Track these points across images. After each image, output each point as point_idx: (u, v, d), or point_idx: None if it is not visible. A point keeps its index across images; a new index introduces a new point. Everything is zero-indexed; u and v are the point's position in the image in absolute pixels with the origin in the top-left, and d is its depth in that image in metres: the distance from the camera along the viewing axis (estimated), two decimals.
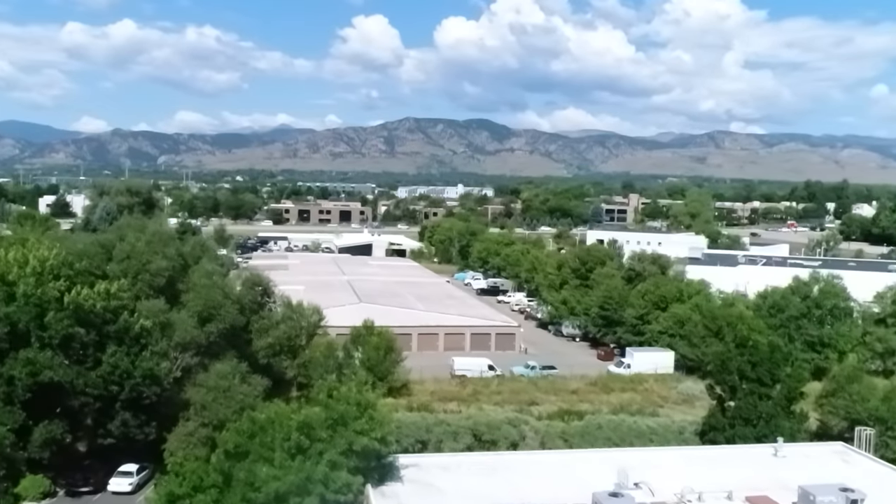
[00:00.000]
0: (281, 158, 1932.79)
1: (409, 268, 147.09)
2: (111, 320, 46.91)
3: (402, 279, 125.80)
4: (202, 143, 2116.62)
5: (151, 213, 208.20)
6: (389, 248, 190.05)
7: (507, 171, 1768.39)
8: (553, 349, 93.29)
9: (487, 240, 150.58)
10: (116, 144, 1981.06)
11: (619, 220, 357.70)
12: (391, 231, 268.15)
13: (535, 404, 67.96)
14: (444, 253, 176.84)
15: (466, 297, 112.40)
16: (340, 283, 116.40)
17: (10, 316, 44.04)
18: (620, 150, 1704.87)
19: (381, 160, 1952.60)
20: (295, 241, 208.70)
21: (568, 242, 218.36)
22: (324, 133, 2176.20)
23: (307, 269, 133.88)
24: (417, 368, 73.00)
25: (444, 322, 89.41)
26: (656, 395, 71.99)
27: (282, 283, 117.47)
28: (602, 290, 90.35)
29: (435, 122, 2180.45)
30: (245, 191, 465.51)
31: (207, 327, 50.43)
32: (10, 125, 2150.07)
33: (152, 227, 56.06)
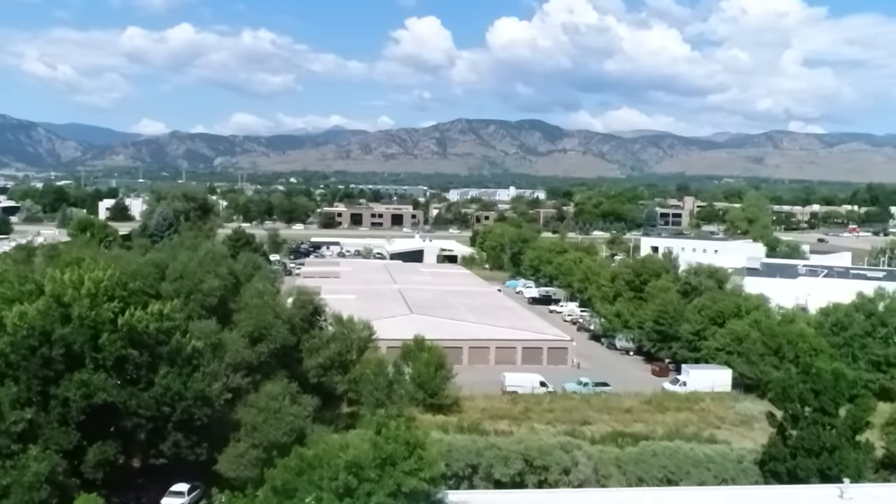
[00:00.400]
0: (334, 160, 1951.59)
1: (461, 276, 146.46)
2: (164, 341, 47.15)
3: (454, 288, 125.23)
4: (257, 145, 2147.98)
5: (207, 218, 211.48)
6: (441, 255, 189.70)
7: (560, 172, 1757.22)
8: (606, 363, 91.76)
9: (539, 248, 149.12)
10: (174, 146, 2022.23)
11: (674, 223, 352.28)
12: (442, 236, 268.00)
13: (588, 424, 66.80)
14: (496, 259, 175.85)
15: (518, 307, 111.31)
16: (391, 293, 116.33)
17: (65, 337, 44.51)
18: (675, 151, 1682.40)
19: (433, 161, 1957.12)
20: (347, 247, 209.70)
21: (621, 248, 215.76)
22: (376, 134, 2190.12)
23: (359, 277, 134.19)
24: (468, 384, 72.26)
25: (496, 336, 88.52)
26: (713, 416, 70.16)
27: (333, 291, 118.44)
28: (657, 304, 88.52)
29: (487, 123, 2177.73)
30: (298, 193, 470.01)
31: (258, 347, 50.46)
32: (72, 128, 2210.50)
33: (205, 246, 56.07)
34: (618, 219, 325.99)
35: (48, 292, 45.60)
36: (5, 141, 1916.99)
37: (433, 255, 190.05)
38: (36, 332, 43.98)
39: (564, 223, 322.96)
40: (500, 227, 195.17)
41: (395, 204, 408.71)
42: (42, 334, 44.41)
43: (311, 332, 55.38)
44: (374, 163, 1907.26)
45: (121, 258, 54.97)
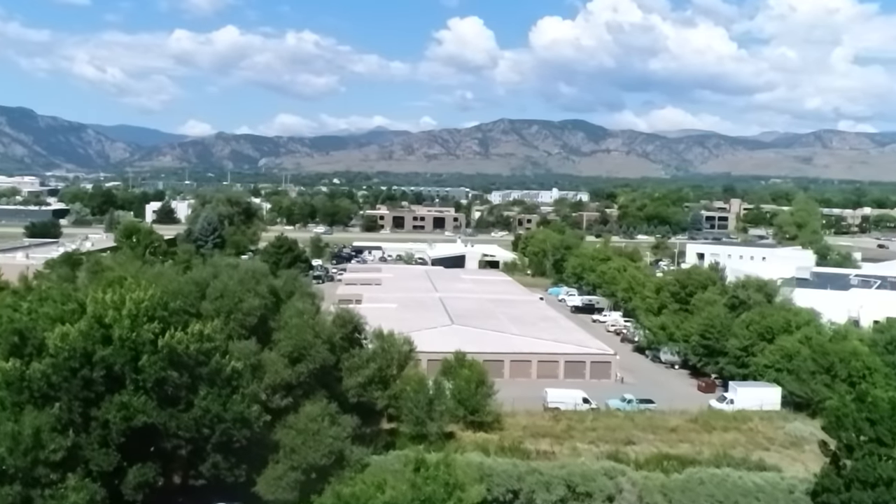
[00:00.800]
0: (377, 160, 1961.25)
1: (503, 283, 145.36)
2: (203, 362, 46.91)
3: (495, 296, 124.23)
4: (301, 146, 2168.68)
5: (251, 222, 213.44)
6: (482, 260, 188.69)
7: (603, 172, 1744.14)
8: (650, 377, 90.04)
9: (583, 255, 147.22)
10: (220, 147, 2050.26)
11: (720, 227, 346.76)
12: (484, 240, 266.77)
13: (632, 444, 65.41)
14: (538, 266, 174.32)
15: (560, 317, 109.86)
16: (433, 301, 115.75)
17: (106, 359, 44.49)
18: (721, 151, 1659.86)
19: (476, 162, 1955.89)
20: (389, 251, 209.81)
21: (666, 254, 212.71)
22: (419, 135, 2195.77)
23: (400, 285, 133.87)
24: (509, 399, 71.22)
25: (538, 349, 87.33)
26: (762, 437, 68.20)
27: (374, 299, 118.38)
28: (703, 318, 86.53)
29: (529, 124, 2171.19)
30: (341, 195, 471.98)
31: (298, 367, 50.09)
32: (121, 129, 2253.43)
33: (245, 265, 55.92)
34: (662, 222, 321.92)
35: (90, 313, 45.66)
36: (57, 142, 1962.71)
37: (475, 261, 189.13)
38: (77, 354, 44.05)
39: (608, 226, 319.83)
40: (543, 232, 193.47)
41: (438, 206, 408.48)
42: (83, 356, 44.46)
43: (351, 350, 54.84)
44: (416, 163, 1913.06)
45: (162, 276, 55.06)
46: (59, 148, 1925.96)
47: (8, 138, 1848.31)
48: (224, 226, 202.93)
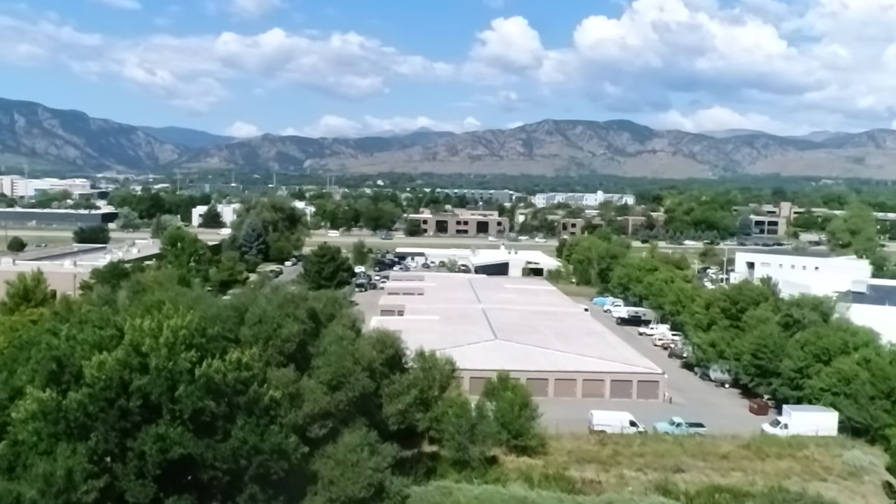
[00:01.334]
0: (420, 161, 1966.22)
1: (547, 293, 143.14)
2: (241, 391, 45.95)
3: (539, 308, 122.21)
4: (345, 147, 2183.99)
5: (294, 228, 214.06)
6: (526, 268, 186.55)
7: (649, 173, 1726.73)
8: (699, 397, 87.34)
9: (629, 265, 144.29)
10: (266, 149, 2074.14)
11: (770, 231, 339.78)
12: (528, 245, 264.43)
13: (682, 471, 63.18)
14: (583, 274, 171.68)
15: (606, 332, 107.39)
16: (476, 313, 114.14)
17: (143, 388, 43.80)
18: (770, 151, 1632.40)
19: (520, 163, 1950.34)
20: (432, 258, 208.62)
21: (714, 261, 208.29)
22: (462, 136, 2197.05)
23: (442, 295, 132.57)
24: (553, 420, 69.28)
25: (583, 367, 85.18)
26: (818, 465, 65.35)
27: (417, 311, 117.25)
28: (755, 336, 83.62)
29: (574, 124, 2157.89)
30: (385, 198, 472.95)
31: (337, 395, 48.94)
32: (170, 131, 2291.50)
33: (284, 290, 54.95)
34: (710, 227, 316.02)
35: (127, 341, 45.03)
36: (108, 144, 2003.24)
37: (518, 269, 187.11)
38: (114, 384, 43.45)
39: (654, 231, 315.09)
40: (588, 239, 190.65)
41: (481, 210, 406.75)
42: (120, 385, 43.86)
43: (392, 376, 53.58)
44: (460, 164, 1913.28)
45: (201, 299, 54.31)
46: (109, 150, 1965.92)
47: (61, 140, 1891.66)
48: (268, 232, 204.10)
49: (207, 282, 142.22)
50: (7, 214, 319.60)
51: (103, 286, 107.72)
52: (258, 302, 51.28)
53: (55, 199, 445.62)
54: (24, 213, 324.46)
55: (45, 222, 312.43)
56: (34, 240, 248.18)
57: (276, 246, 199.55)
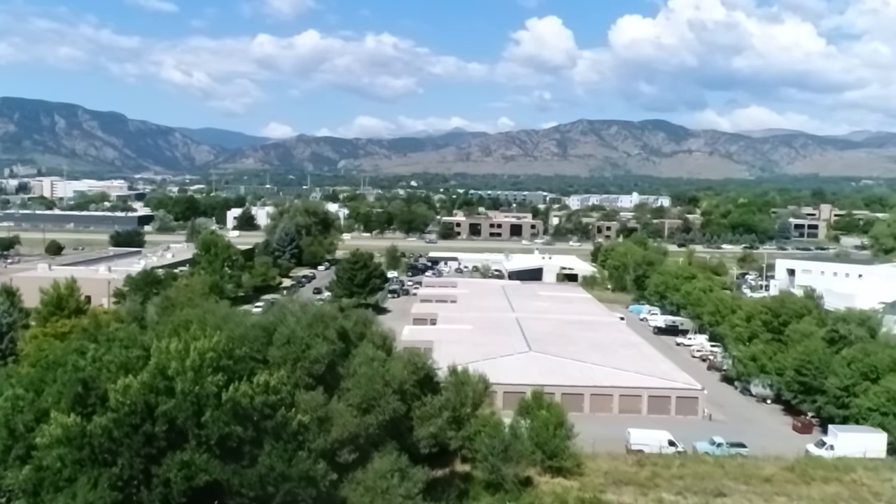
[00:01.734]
0: (454, 162, 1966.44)
1: (582, 301, 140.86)
2: (269, 416, 44.82)
3: (574, 317, 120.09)
4: (379, 148, 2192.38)
5: (328, 232, 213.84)
6: (560, 273, 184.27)
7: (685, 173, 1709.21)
8: (740, 413, 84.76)
9: (666, 272, 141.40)
10: (300, 150, 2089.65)
11: (810, 235, 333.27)
12: (562, 249, 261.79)
13: (723, 496, 60.89)
14: (619, 281, 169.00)
15: (643, 343, 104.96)
16: (509, 323, 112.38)
17: (168, 413, 42.85)
18: (808, 151, 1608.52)
19: (554, 163, 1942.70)
20: (465, 262, 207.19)
21: (753, 266, 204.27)
22: (496, 136, 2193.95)
23: (475, 303, 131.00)
24: (589, 438, 67.30)
25: (620, 382, 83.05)
26: (867, 491, 62.59)
27: (450, 319, 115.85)
28: (799, 351, 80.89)
29: (609, 124, 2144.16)
30: (418, 200, 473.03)
31: (367, 419, 47.60)
32: (207, 132, 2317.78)
33: (313, 309, 53.73)
34: (748, 230, 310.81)
35: (153, 364, 44.13)
36: (145, 145, 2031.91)
37: (552, 274, 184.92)
38: (139, 409, 42.58)
39: (690, 235, 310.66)
40: (624, 245, 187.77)
41: (515, 212, 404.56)
42: (145, 410, 42.98)
43: (423, 398, 52.11)
44: (493, 165, 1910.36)
45: (230, 318, 53.31)
46: (147, 151, 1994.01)
47: (100, 142, 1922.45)
48: (301, 236, 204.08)
49: (240, 287, 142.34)
50: (46, 217, 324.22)
51: (135, 296, 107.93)
52: (287, 321, 50.08)
53: (93, 202, 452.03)
54: (62, 215, 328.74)
55: (82, 225, 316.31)
56: (72, 243, 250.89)
57: (309, 250, 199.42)
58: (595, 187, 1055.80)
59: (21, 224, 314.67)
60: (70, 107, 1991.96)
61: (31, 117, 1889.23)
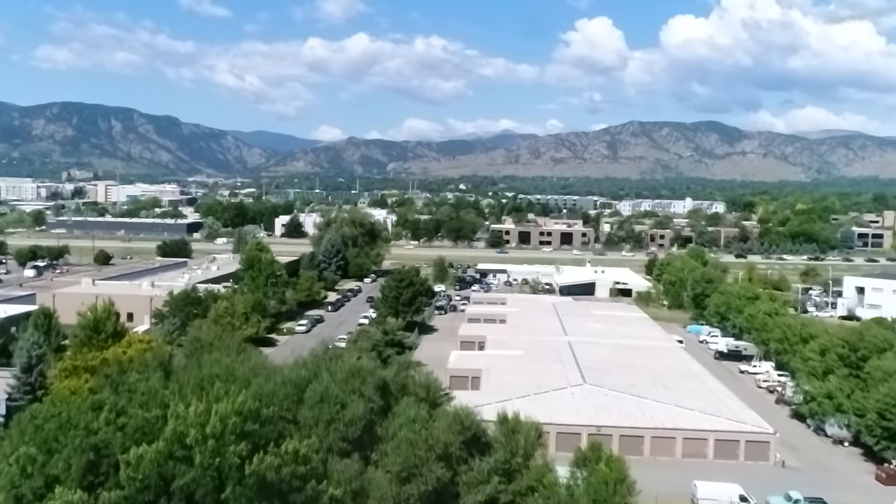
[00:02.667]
0: (503, 164, 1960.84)
1: (637, 321, 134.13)
2: (298, 488, 40.18)
3: (631, 341, 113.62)
4: (428, 150, 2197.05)
5: (374, 243, 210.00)
6: (614, 288, 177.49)
7: (738, 175, 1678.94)
8: (816, 458, 77.72)
9: (728, 292, 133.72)
10: (350, 152, 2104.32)
11: (874, 245, 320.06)
12: (614, 259, 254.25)
13: None
14: (675, 297, 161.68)
15: (706, 374, 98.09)
16: (562, 348, 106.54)
17: (185, 488, 38.49)
18: (868, 152, 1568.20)
19: (604, 165, 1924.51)
20: (514, 275, 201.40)
21: (817, 281, 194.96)
22: (546, 138, 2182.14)
23: (526, 324, 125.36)
24: (651, 488, 61.31)
25: (684, 423, 76.66)
26: None
27: (499, 343, 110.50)
28: (882, 392, 73.75)
29: (660, 126, 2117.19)
30: (467, 206, 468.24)
31: (406, 488, 42.72)
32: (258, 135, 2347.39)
33: (350, 362, 48.88)
34: (809, 239, 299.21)
35: (169, 432, 39.77)
36: (199, 149, 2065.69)
37: (605, 289, 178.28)
38: (153, 483, 38.27)
39: (748, 244, 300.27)
40: (681, 259, 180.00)
41: (565, 218, 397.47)
42: (160, 483, 38.67)
43: (471, 461, 46.95)
44: (543, 167, 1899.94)
45: (259, 370, 48.75)
46: (200, 154, 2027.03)
47: (155, 145, 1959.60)
48: (347, 247, 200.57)
49: (283, 304, 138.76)
50: (97, 224, 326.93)
51: (174, 318, 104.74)
52: (321, 376, 45.40)
53: (144, 207, 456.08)
54: (113, 222, 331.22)
55: (132, 232, 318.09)
56: (120, 251, 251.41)
57: (355, 262, 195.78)
58: (646, 190, 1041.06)
59: (73, 231, 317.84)
60: (126, 111, 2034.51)
61: (89, 121, 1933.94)
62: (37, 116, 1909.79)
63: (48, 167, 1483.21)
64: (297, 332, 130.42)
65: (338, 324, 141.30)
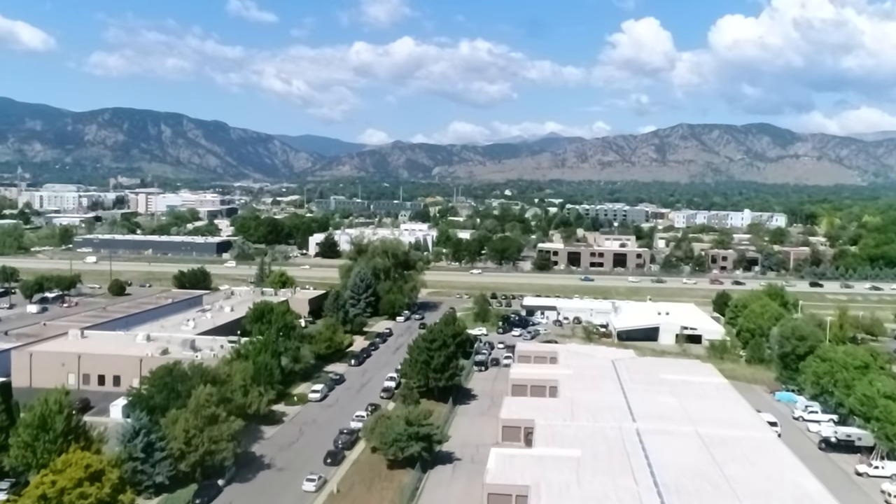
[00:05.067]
0: (549, 168, 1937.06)
1: (717, 391, 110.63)
2: None
3: (715, 430, 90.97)
4: (474, 154, 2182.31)
5: (409, 276, 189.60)
6: (681, 334, 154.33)
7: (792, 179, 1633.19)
8: None
9: (830, 358, 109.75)
10: (396, 156, 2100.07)
11: None
12: (674, 287, 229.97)
13: None
14: (755, 350, 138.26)
15: (822, 494, 75.31)
16: (630, 446, 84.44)
17: None
18: None
19: (652, 169, 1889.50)
20: (565, 311, 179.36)
21: None
22: (592, 142, 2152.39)
23: (583, 398, 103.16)
24: None
25: None
26: None
27: (550, 435, 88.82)
28: None
29: (710, 128, 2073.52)
30: (512, 218, 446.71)
31: None
32: (305, 139, 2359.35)
33: None
34: (889, 263, 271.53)
35: None
36: (246, 153, 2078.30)
37: (671, 334, 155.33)
38: None
39: (821, 268, 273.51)
40: (758, 302, 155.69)
41: (616, 234, 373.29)
42: None
43: None
44: (590, 171, 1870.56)
45: None
46: (248, 158, 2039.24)
47: (203, 150, 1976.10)
48: (379, 279, 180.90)
49: (298, 362, 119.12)
50: (125, 243, 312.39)
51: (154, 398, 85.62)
52: None
53: (181, 220, 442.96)
54: (141, 241, 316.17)
55: (160, 251, 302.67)
56: (140, 277, 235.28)
57: (387, 298, 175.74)
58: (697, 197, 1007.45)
59: (100, 250, 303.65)
60: (175, 116, 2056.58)
61: (139, 126, 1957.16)
62: (89, 122, 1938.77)
63: (99, 172, 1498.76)
64: (310, 399, 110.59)
65: (360, 385, 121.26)
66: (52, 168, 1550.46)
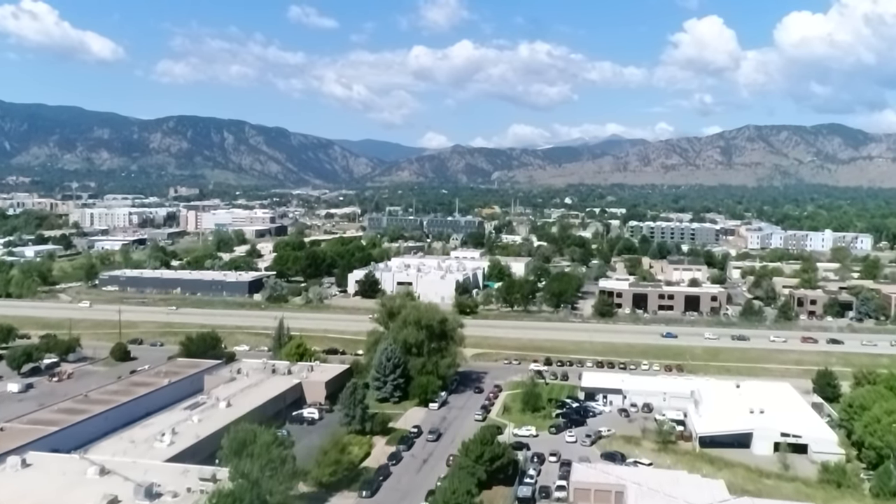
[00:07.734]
0: (611, 172, 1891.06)
1: None
2: None
3: None
4: (533, 158, 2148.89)
5: (446, 350, 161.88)
6: (783, 443, 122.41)
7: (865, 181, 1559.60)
8: None
9: None
10: (455, 161, 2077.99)
11: None
12: (759, 347, 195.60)
13: None
14: (886, 478, 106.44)
15: None
16: None
17: None
18: None
19: (717, 172, 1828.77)
20: (632, 396, 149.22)
21: None
22: (655, 144, 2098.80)
23: None
24: None
25: None
26: None
27: None
28: None
29: (778, 129, 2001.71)
30: (570, 243, 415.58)
31: None
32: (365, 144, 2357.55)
33: None
34: None
35: None
36: (307, 159, 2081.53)
37: (767, 442, 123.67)
38: None
39: None
40: (885, 405, 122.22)
41: (685, 264, 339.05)
42: None
43: None
44: (653, 175, 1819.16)
45: None
46: (308, 164, 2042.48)
47: (265, 156, 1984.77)
48: (411, 353, 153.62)
49: None
50: (152, 281, 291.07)
51: None
52: None
53: (224, 244, 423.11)
54: (170, 279, 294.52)
55: (189, 290, 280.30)
56: (155, 330, 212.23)
57: (419, 381, 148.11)
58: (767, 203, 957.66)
59: (126, 288, 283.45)
60: (238, 123, 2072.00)
61: (202, 134, 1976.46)
62: (154, 130, 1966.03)
63: (163, 180, 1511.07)
64: None
65: None
66: (118, 176, 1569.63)
